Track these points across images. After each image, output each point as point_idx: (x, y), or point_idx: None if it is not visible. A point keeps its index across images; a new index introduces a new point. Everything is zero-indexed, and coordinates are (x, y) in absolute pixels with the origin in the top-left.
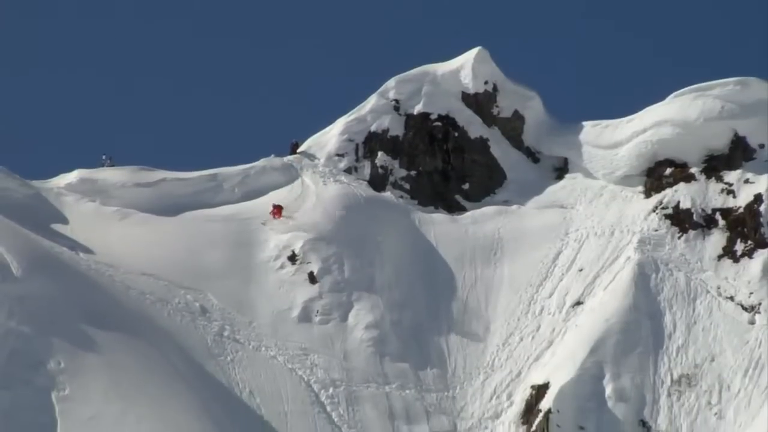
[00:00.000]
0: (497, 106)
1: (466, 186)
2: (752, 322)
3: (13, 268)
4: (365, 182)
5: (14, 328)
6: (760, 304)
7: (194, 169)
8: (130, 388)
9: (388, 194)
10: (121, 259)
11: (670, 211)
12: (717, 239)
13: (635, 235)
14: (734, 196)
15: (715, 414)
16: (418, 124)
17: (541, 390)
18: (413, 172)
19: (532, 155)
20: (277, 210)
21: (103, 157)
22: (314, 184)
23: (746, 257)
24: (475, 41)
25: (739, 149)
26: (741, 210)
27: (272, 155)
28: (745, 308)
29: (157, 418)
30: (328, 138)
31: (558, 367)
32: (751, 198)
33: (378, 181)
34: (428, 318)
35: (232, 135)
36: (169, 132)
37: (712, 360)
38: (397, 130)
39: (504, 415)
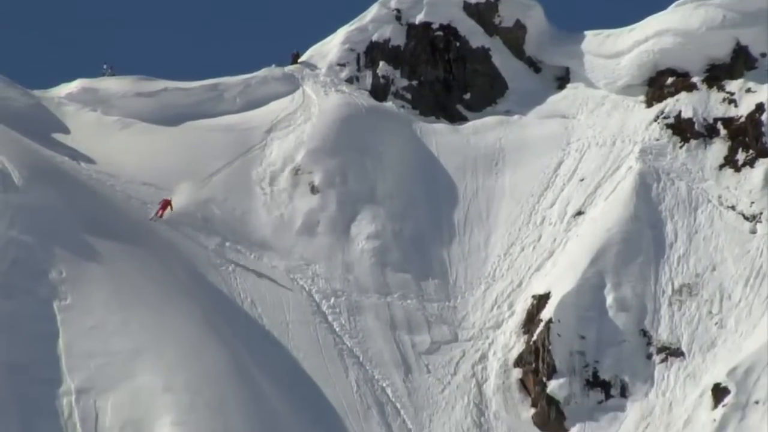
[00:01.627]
0: (499, 16)
1: (468, 96)
2: (753, 232)
3: (15, 177)
4: (366, 92)
5: (16, 238)
6: (761, 213)
7: (195, 79)
8: (131, 298)
9: (389, 104)
10: (122, 168)
11: (671, 120)
12: (718, 149)
13: (637, 144)
14: (736, 106)
15: (716, 323)
16: (419, 33)
17: (542, 300)
18: (415, 82)
19: (534, 65)
20: (164, 206)
21: (104, 66)
22: (315, 94)
23: (747, 167)
24: None
25: (740, 58)
26: (742, 119)
27: (273, 65)
28: (746, 217)
29: (158, 327)
30: (330, 48)
31: (559, 277)
32: (753, 107)
33: (379, 91)
34: (430, 228)
35: (233, 45)
36: (170, 42)
37: (713, 269)
38: (399, 39)
39: (505, 325)
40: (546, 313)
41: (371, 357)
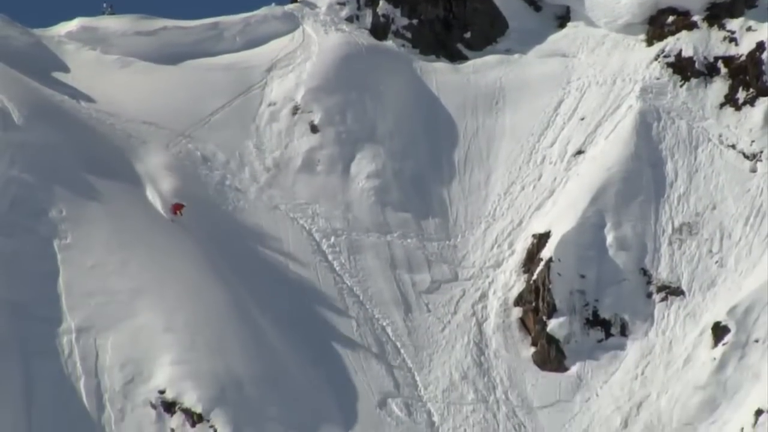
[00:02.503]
0: None
1: (468, 35)
2: (754, 170)
3: (15, 116)
4: (366, 31)
5: (16, 176)
6: (761, 152)
7: (195, 17)
8: (131, 237)
9: (389, 43)
10: (122, 107)
11: (672, 59)
12: (719, 87)
13: (637, 83)
14: (736, 44)
15: (716, 262)
16: None
17: (542, 239)
18: (415, 21)
19: (534, 3)
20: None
21: (104, 5)
22: (315, 33)
23: (748, 105)
24: None
25: None
26: (743, 58)
27: (273, 4)
28: (746, 156)
29: (158, 267)
30: None
31: (559, 216)
32: (754, 46)
33: (379, 30)
34: (430, 167)
35: None
36: None
37: (714, 208)
38: None
39: (505, 264)
40: (546, 252)
41: (371, 296)
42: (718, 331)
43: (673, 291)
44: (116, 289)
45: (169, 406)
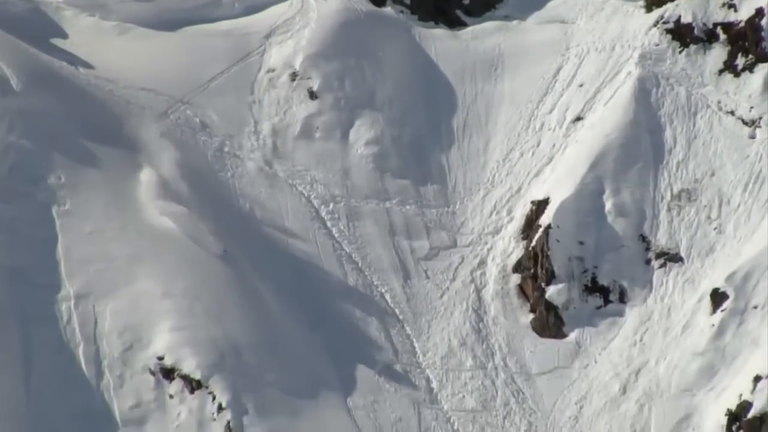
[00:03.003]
0: None
1: (467, 1)
2: (752, 137)
3: (13, 82)
4: None
5: (14, 143)
6: (760, 118)
7: None
8: (130, 203)
9: (388, 9)
10: (120, 74)
11: (671, 25)
12: (718, 54)
13: (636, 50)
14: (735, 10)
15: (715, 228)
16: None
17: (540, 205)
18: None
19: None
20: None
21: None
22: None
23: (747, 72)
24: None
25: None
26: (742, 24)
27: None
28: (745, 122)
29: (157, 233)
30: None
31: (558, 183)
32: (753, 12)
33: None
34: (428, 134)
35: None
36: None
37: (712, 175)
38: None
39: (504, 231)
40: (545, 219)
41: (370, 263)
42: (717, 297)
43: (671, 257)
44: (115, 255)
45: (168, 373)
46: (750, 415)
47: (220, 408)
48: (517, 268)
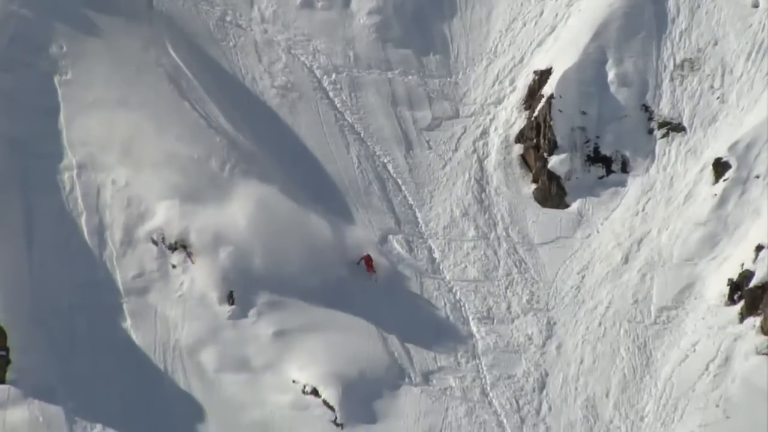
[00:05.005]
0: None
1: None
2: (756, 5)
3: None
4: None
5: (15, 12)
6: None
7: None
8: (131, 74)
9: None
10: None
11: None
12: None
13: None
14: None
15: (718, 98)
16: None
17: (543, 75)
18: None
19: None
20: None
21: None
22: None
23: None
24: None
25: None
26: None
27: None
28: None
29: (158, 103)
30: None
31: (560, 53)
32: None
33: None
34: (431, 3)
35: None
36: None
37: (715, 44)
38: None
39: (506, 101)
40: (547, 89)
41: (372, 133)
42: (719, 167)
43: (674, 127)
44: (116, 125)
45: (170, 243)
46: (752, 284)
47: (223, 278)
48: (520, 138)
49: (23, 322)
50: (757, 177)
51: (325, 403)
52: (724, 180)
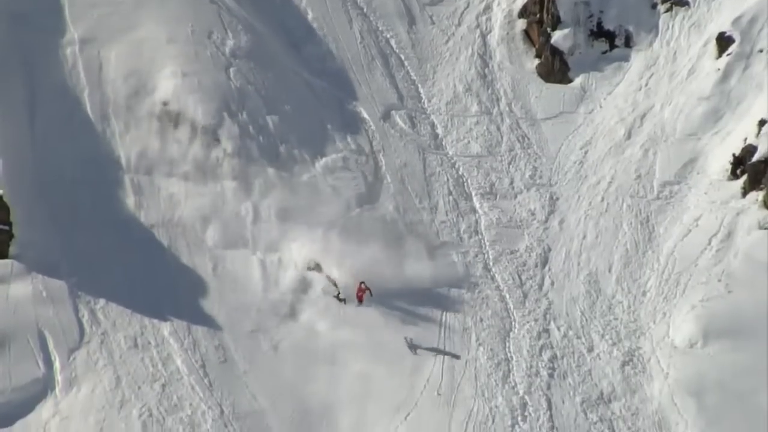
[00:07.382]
0: None
1: None
2: None
3: None
4: None
5: None
6: None
7: None
8: None
9: None
10: None
11: None
12: None
13: None
14: None
15: None
16: None
17: None
18: None
19: None
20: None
21: None
22: None
23: None
24: None
25: None
26: None
27: None
28: None
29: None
30: None
31: None
32: None
33: None
34: None
35: None
36: None
37: None
38: None
39: None
40: None
41: (375, 8)
42: (723, 41)
43: (677, 1)
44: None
45: (174, 119)
46: (754, 158)
47: (225, 153)
48: (523, 13)
49: (26, 197)
50: (761, 51)
51: (328, 278)
52: (728, 54)
